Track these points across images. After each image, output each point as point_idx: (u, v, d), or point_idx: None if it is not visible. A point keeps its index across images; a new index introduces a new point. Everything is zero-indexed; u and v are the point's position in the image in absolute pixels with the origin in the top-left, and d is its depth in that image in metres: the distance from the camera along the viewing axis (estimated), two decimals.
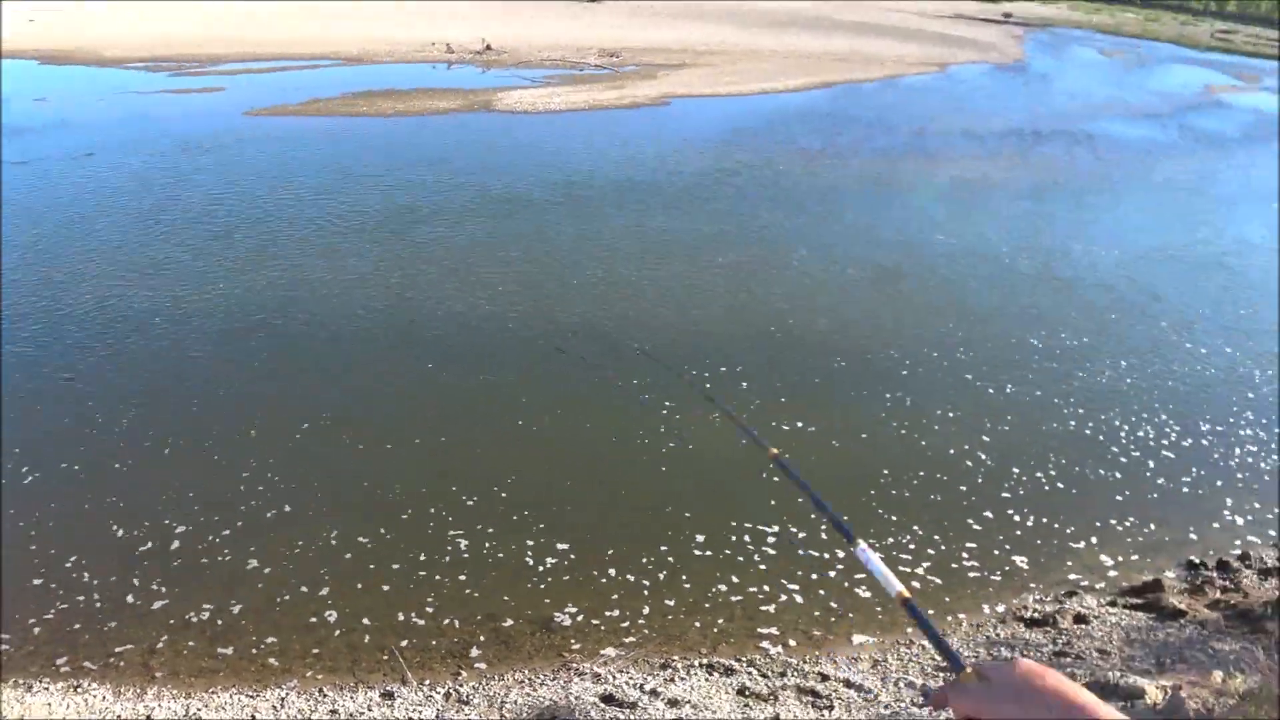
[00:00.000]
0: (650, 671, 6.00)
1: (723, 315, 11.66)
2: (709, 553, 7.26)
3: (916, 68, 37.48)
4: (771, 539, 7.41)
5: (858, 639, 6.45)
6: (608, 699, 5.60)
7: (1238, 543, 7.98)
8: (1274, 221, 18.23)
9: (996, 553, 7.55)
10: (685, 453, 8.56)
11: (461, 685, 5.83)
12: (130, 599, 6.52)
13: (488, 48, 32.33)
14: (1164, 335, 12.05)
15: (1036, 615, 6.74)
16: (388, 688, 5.79)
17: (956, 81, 35.64)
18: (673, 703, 5.55)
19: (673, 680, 5.85)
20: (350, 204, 15.13)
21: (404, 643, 6.22)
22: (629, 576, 6.97)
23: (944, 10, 66.06)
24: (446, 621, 6.44)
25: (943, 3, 68.45)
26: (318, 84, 25.33)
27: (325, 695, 5.72)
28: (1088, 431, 9.46)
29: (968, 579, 7.22)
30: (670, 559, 7.18)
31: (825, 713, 5.45)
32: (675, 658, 6.15)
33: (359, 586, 6.74)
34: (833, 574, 7.07)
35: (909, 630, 6.57)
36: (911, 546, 7.51)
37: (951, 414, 9.53)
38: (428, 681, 5.88)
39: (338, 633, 6.30)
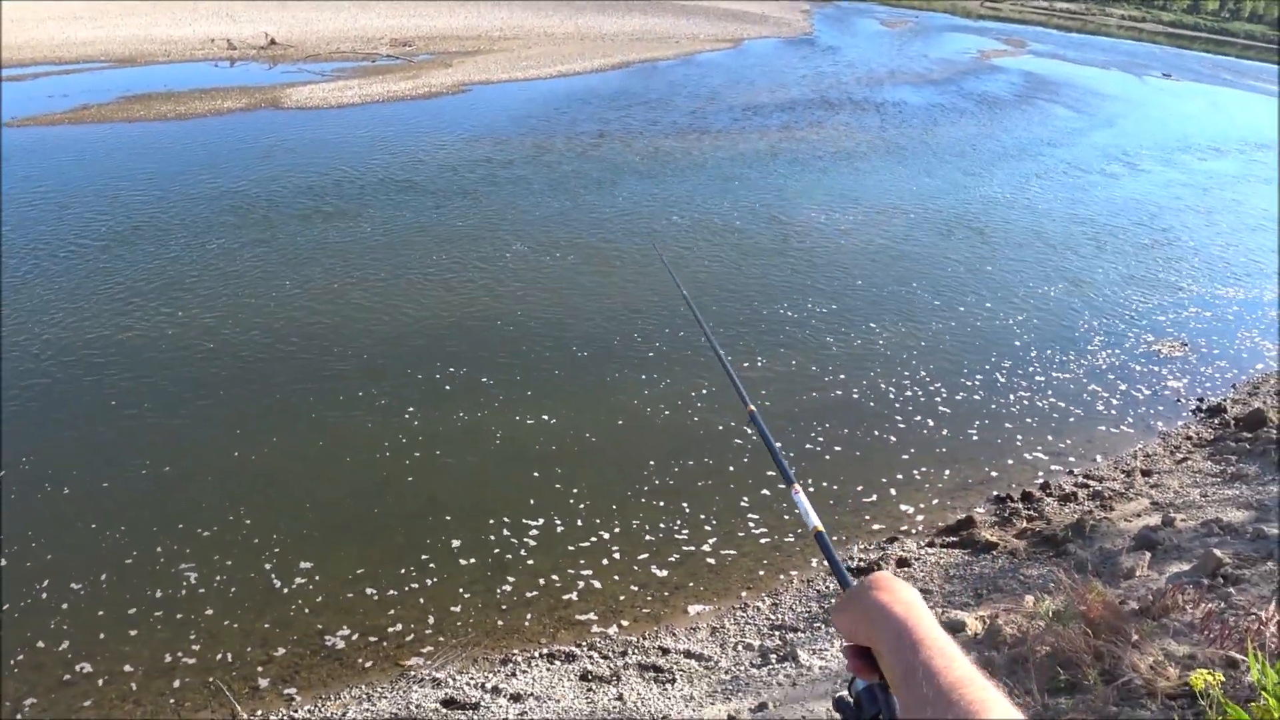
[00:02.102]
0: (491, 669, 5.86)
1: (453, 314, 11.15)
2: (473, 559, 6.93)
3: (711, 44, 38.25)
4: (535, 532, 7.26)
5: (694, 609, 6.50)
6: (449, 703, 5.43)
7: (1040, 474, 8.53)
8: (1020, 177, 19.63)
9: (845, 500, 7.84)
10: (433, 459, 8.19)
11: (296, 711, 5.53)
12: None
13: (272, 42, 30.82)
14: (917, 296, 12.64)
15: (862, 564, 6.98)
16: None
17: (750, 56, 36.59)
18: (515, 698, 5.43)
19: (514, 675, 5.73)
20: (86, 222, 13.67)
21: (177, 683, 5.76)
22: (392, 591, 6.58)
23: None
24: (219, 656, 5.95)
25: None
26: (88, 88, 23.46)
27: None
28: (855, 396, 9.75)
29: (790, 541, 7.39)
30: (433, 565, 6.85)
31: (668, 686, 5.46)
32: (515, 651, 6.03)
33: (101, 636, 6.07)
34: (618, 555, 7.06)
35: (743, 594, 6.70)
36: (709, 519, 7.63)
37: (709, 390, 9.56)
38: (259, 712, 5.56)
39: (101, 682, 5.74)
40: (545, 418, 8.92)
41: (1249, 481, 7.65)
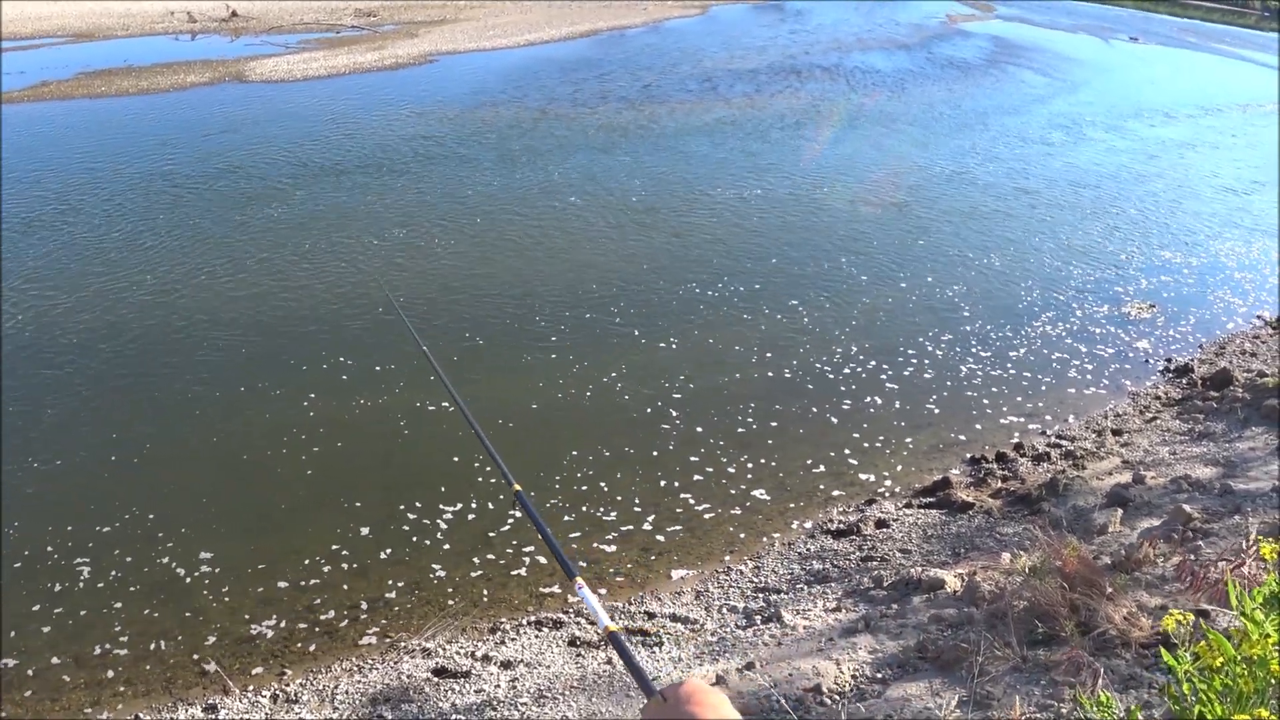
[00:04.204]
0: (480, 638, 5.94)
1: (343, 300, 10.89)
2: (390, 550, 6.80)
3: (679, 10, 38.11)
4: (449, 516, 7.18)
5: (677, 574, 6.61)
6: (440, 672, 5.51)
7: (1017, 435, 8.68)
8: (963, 150, 19.23)
9: (796, 473, 7.92)
10: (334, 449, 8.03)
11: (288, 684, 5.59)
12: None
13: (233, 14, 30.40)
14: (844, 272, 12.25)
15: (842, 526, 7.11)
16: (210, 701, 5.48)
17: (718, 22, 36.50)
18: (505, 665, 5.52)
19: (503, 643, 5.82)
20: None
21: (170, 661, 5.80)
22: (313, 581, 6.50)
23: None
24: (152, 646, 5.92)
25: None
26: (47, 64, 23.11)
27: None
28: (786, 375, 9.56)
29: (771, 502, 7.51)
30: (345, 553, 6.76)
31: (656, 649, 5.56)
32: (504, 620, 6.11)
33: (12, 634, 6.00)
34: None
35: (726, 558, 6.80)
36: (704, 479, 7.75)
37: (624, 370, 9.45)
38: (251, 687, 5.60)
39: (30, 673, 5.70)
40: (446, 405, 8.65)
41: (1216, 439, 7.83)
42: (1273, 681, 1.94)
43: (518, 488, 2.35)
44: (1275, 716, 1.90)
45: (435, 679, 5.44)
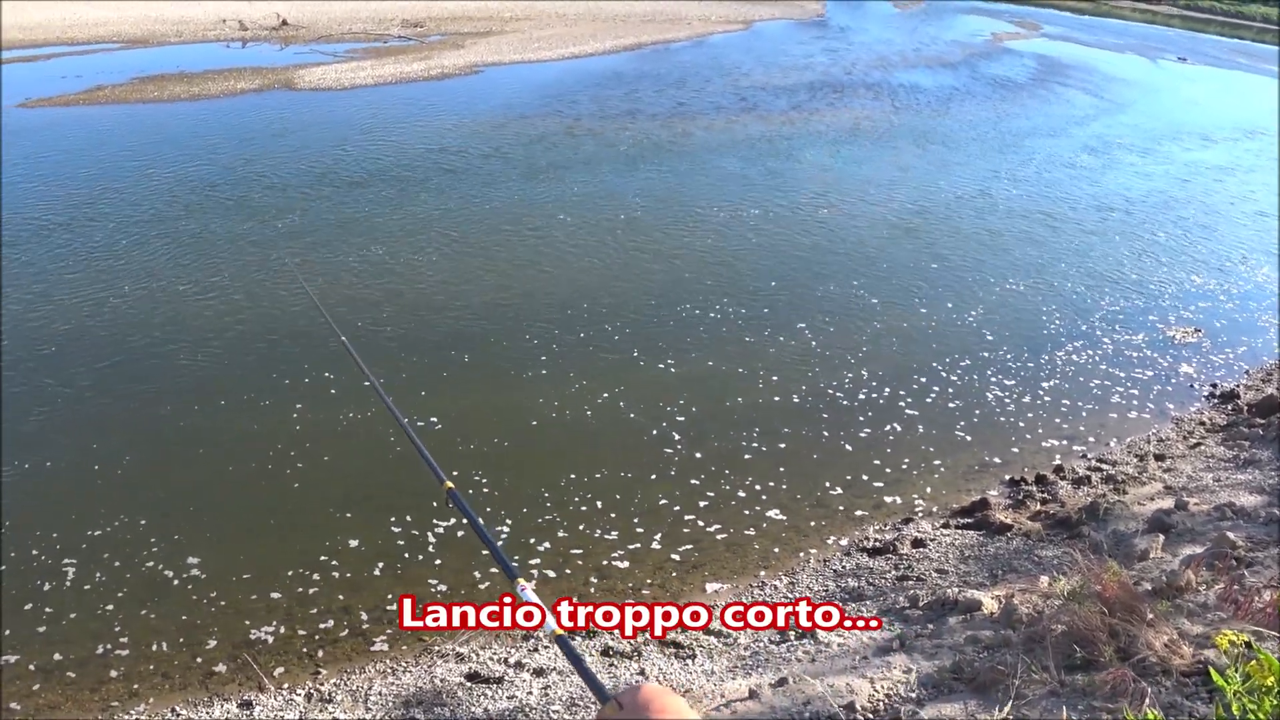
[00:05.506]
0: (513, 644, 5.98)
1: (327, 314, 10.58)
2: (382, 564, 6.78)
3: (723, 26, 38.18)
4: (441, 530, 7.11)
5: (711, 587, 6.61)
6: (473, 677, 5.54)
7: (1058, 458, 8.59)
8: (982, 173, 18.64)
9: (813, 495, 7.87)
10: (321, 462, 7.97)
11: (323, 684, 5.65)
12: None
13: (284, 23, 30.88)
14: (855, 294, 11.93)
15: (878, 544, 7.07)
16: (245, 697, 5.55)
17: (761, 38, 36.50)
18: (538, 672, 5.54)
19: (536, 650, 5.85)
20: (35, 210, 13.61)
21: (203, 659, 5.90)
22: (307, 589, 6.50)
23: None
24: (154, 647, 5.97)
25: None
26: (101, 69, 23.56)
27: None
28: (795, 400, 9.34)
29: (808, 518, 7.50)
30: (335, 563, 6.75)
31: (689, 661, 5.56)
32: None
33: (6, 633, 6.08)
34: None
35: (761, 572, 6.79)
36: (709, 504, 7.70)
37: (624, 388, 9.30)
38: (285, 686, 5.68)
39: (35, 668, 5.78)
40: (434, 419, 8.57)
41: (1262, 466, 7.71)
42: None
43: (449, 485, 2.30)
44: None
45: (468, 684, 5.48)
